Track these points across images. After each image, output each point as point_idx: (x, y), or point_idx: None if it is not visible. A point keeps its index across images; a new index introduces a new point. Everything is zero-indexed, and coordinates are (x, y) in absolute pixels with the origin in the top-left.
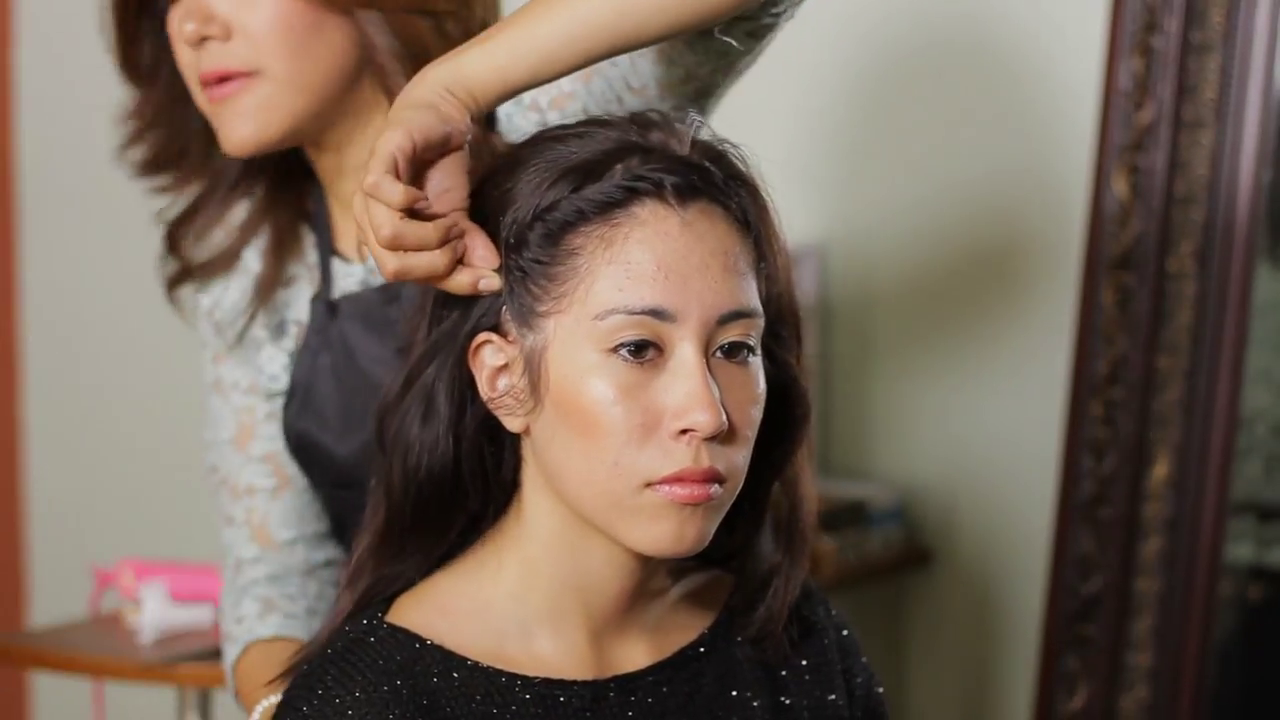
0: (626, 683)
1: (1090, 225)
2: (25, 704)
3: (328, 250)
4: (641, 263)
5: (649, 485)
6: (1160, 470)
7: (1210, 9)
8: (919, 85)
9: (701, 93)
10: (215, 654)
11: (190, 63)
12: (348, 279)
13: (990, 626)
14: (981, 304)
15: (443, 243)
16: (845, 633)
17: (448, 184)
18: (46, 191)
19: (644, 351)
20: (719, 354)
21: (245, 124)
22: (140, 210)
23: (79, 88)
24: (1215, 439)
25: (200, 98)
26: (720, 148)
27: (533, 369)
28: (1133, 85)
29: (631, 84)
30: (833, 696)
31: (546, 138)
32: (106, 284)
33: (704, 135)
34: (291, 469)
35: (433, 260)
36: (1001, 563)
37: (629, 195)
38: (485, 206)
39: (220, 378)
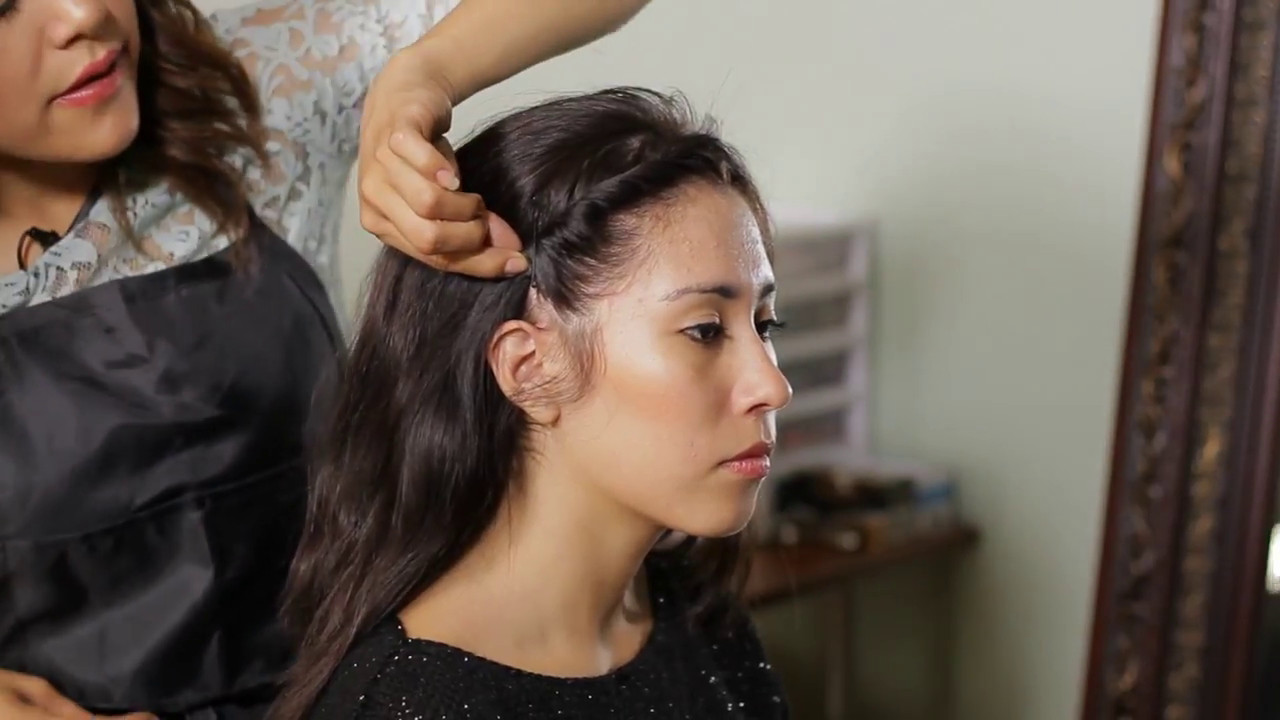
0: (629, 673)
1: (1142, 203)
2: None
3: None
4: (703, 240)
5: (721, 464)
6: (1211, 449)
7: None
8: (969, 63)
9: None
10: None
11: (59, 67)
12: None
13: (1039, 605)
14: (1032, 282)
15: (475, 215)
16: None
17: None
18: None
19: (709, 331)
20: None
21: (131, 111)
22: None
23: None
24: (1266, 418)
25: (59, 114)
26: (716, 130)
27: (581, 353)
28: (1185, 62)
29: None
30: (762, 664)
31: (530, 118)
32: None
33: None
34: None
35: (470, 230)
36: (1051, 541)
37: (680, 173)
38: (489, 191)
39: None
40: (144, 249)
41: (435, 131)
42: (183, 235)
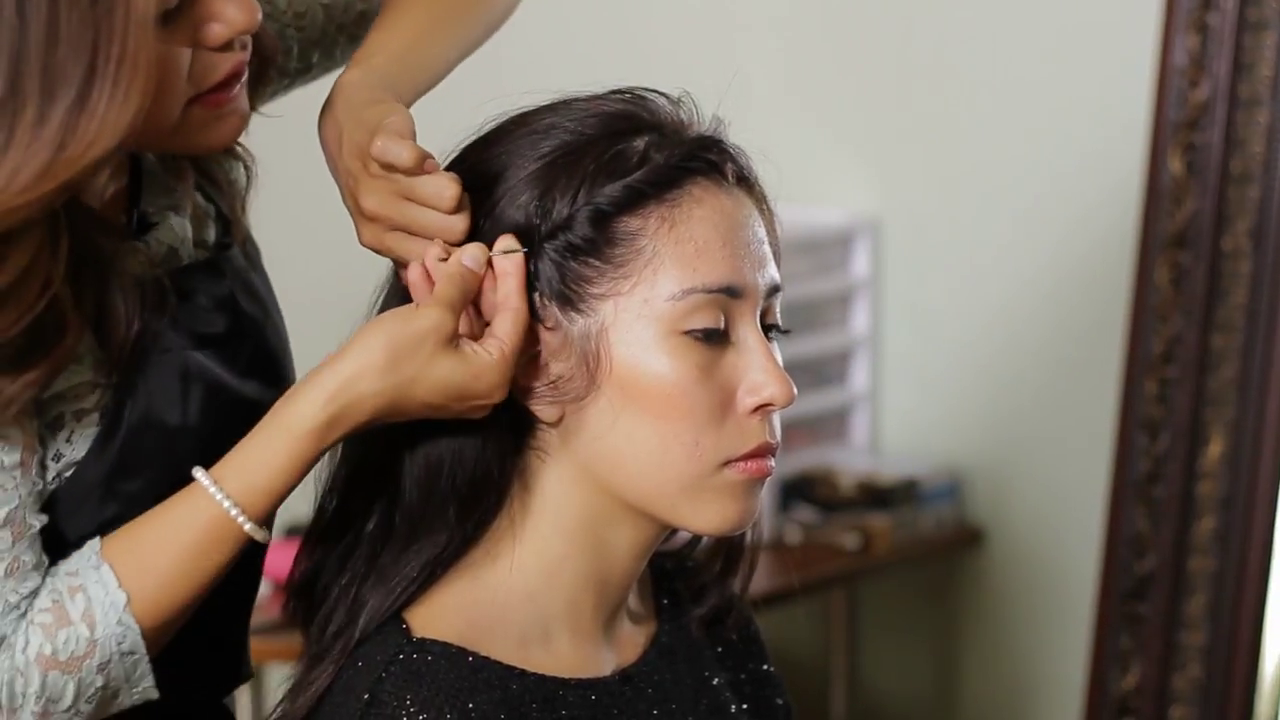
0: (632, 674)
1: (1145, 203)
2: None
3: None
4: (709, 240)
5: (726, 464)
6: (1214, 449)
7: None
8: (974, 61)
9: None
10: (270, 628)
11: (206, 68)
12: None
13: (1043, 605)
14: (1035, 282)
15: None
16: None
17: None
18: None
19: (714, 332)
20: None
21: (246, 108)
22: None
23: None
24: (1270, 417)
25: (195, 112)
26: (723, 131)
27: (587, 353)
28: (1188, 62)
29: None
30: (766, 666)
31: (536, 117)
32: None
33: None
34: None
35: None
36: (1054, 541)
37: (685, 175)
38: (493, 190)
39: None
40: (204, 229)
41: None
42: (205, 216)
